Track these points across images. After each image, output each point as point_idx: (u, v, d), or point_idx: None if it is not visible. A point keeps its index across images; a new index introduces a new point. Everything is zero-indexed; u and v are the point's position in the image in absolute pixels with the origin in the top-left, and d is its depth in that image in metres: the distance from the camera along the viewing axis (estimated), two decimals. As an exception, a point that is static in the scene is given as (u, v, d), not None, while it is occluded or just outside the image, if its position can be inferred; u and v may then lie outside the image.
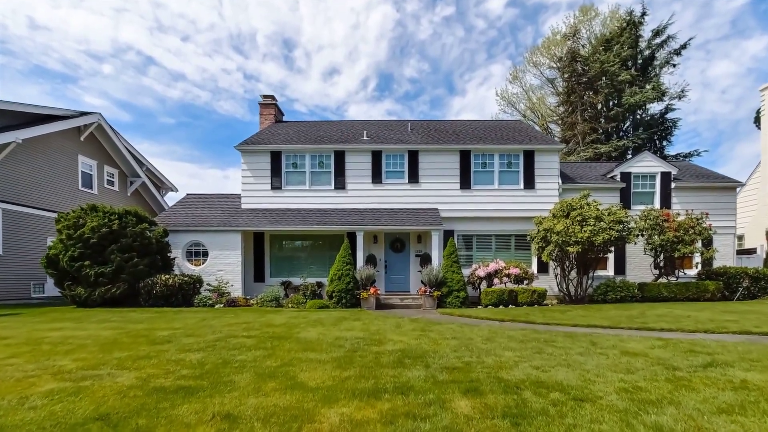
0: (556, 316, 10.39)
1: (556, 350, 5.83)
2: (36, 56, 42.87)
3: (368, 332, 7.51)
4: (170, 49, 48.83)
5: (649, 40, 29.77)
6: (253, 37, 47.28)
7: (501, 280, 13.82)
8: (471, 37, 44.20)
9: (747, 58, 39.68)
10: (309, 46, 46.28)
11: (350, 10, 42.69)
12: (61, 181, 16.29)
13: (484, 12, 43.50)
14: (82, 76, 48.66)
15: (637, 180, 15.66)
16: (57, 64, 44.83)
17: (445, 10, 43.46)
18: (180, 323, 8.61)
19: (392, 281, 15.43)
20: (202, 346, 6.16)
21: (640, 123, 29.90)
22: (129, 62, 48.11)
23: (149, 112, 60.76)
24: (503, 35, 44.31)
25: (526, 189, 15.27)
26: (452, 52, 44.68)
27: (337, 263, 13.32)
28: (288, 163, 15.44)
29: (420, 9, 43.31)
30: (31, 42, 41.37)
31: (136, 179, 19.94)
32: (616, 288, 14.01)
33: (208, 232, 14.06)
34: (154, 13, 44.76)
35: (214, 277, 13.85)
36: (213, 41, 51.45)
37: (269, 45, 48.22)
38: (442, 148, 15.29)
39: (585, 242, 12.97)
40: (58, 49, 43.81)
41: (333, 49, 45.65)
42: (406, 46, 45.22)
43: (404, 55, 45.54)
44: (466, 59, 44.32)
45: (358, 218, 14.49)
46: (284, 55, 47.57)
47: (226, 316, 9.86)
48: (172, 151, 62.92)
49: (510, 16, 43.52)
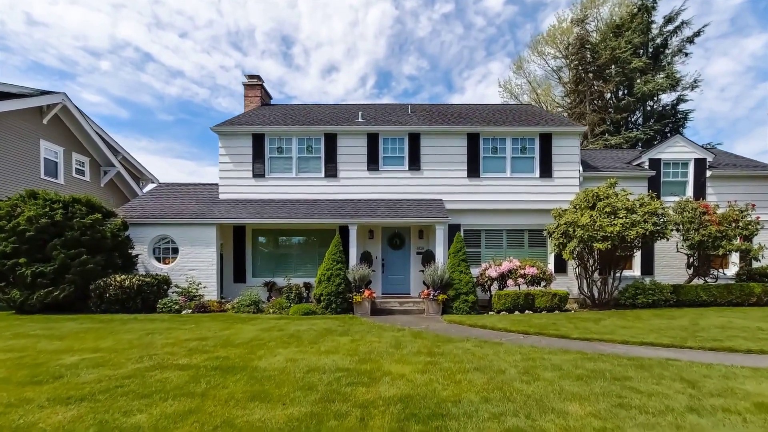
0: (591, 327, 8.23)
1: (645, 400, 3.65)
2: (33, 52, 40.77)
3: (357, 357, 5.33)
4: (168, 45, 46.66)
5: (661, 27, 27.58)
6: (251, 34, 45.18)
7: (515, 281, 11.65)
8: (470, 35, 42.21)
9: (746, 56, 37.63)
10: (308, 43, 44.22)
11: (349, 7, 40.69)
12: (19, 169, 14.01)
13: (483, 9, 41.50)
14: (79, 72, 46.48)
15: (668, 167, 13.46)
16: (54, 60, 42.71)
17: (444, 8, 41.50)
18: (113, 340, 6.41)
19: (390, 282, 13.24)
20: (101, 386, 3.97)
21: (652, 114, 27.72)
22: (127, 59, 45.92)
23: (147, 108, 58.51)
24: (502, 32, 42.31)
25: (543, 177, 13.07)
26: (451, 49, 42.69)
27: (326, 262, 11.13)
28: (272, 147, 13.20)
29: (419, 6, 41.34)
30: (28, 38, 39.30)
31: (110, 169, 17.68)
32: (646, 290, 11.86)
33: (179, 225, 11.84)
34: (152, 9, 42.61)
35: (185, 278, 11.64)
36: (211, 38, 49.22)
37: (268, 42, 46.12)
38: (447, 131, 13.08)
39: (615, 237, 10.79)
40: (55, 46, 41.72)
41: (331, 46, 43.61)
42: (405, 43, 43.22)
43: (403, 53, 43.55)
44: (465, 57, 42.34)
45: (351, 210, 12.29)
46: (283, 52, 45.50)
47: (182, 328, 7.66)
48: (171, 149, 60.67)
49: (509, 14, 41.50)
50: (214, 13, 42.37)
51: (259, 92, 16.21)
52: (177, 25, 45.16)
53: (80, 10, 40.56)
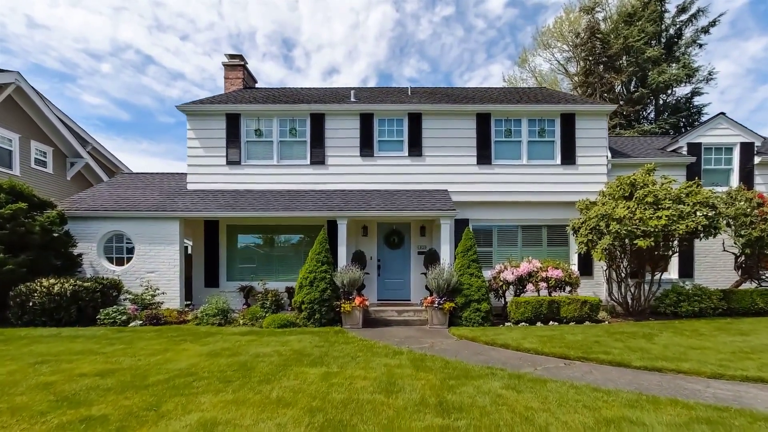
0: (647, 346, 6.09)
1: None
2: (34, 55, 39.27)
3: (321, 418, 3.18)
4: (169, 48, 45.02)
5: (674, 17, 25.58)
6: (252, 37, 43.62)
7: (536, 285, 9.50)
8: (470, 37, 40.73)
9: (746, 58, 35.89)
10: (308, 45, 42.64)
11: (350, 9, 39.19)
12: (-38, 157, 11.96)
13: (484, 12, 40.02)
14: (80, 75, 44.93)
15: (709, 153, 11.32)
16: (55, 62, 41.23)
17: (444, 10, 40.03)
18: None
19: (387, 287, 11.09)
20: None
21: (665, 108, 25.65)
22: (128, 61, 44.33)
23: (148, 111, 56.76)
24: (503, 35, 40.82)
25: (565, 165, 10.94)
26: (452, 52, 41.15)
27: (309, 262, 8.99)
28: (249, 129, 11.09)
29: (420, 9, 39.86)
30: (29, 40, 37.86)
31: (78, 160, 15.58)
32: (691, 297, 9.74)
33: (135, 219, 9.72)
34: (153, 11, 41.02)
35: (140, 282, 9.50)
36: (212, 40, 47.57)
37: (268, 44, 44.53)
38: (454, 110, 10.97)
39: (659, 233, 8.67)
40: (56, 48, 40.27)
41: (332, 48, 42.05)
42: (406, 45, 41.71)
43: (404, 55, 42.06)
44: (466, 59, 40.80)
45: (340, 202, 10.17)
46: (283, 54, 43.91)
47: (101, 352, 5.50)
48: (172, 150, 58.83)
49: (509, 16, 40.00)
50: (215, 15, 40.88)
51: (241, 74, 14.12)
52: (178, 28, 43.61)
53: (81, 13, 39.17)
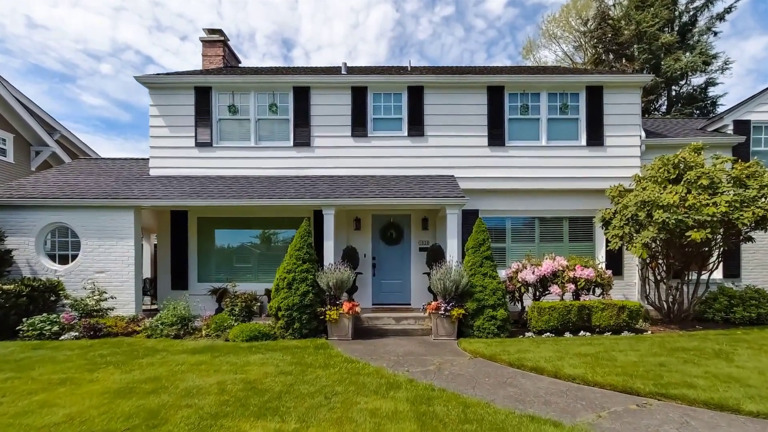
0: (729, 371, 4.39)
1: None
2: (34, 55, 38.16)
3: None
4: (169, 48, 43.66)
5: (687, 2, 23.89)
6: (252, 37, 42.36)
7: (563, 287, 7.74)
8: (470, 37, 39.68)
9: (746, 58, 34.56)
10: (308, 45, 41.53)
11: (350, 9, 38.12)
12: None
13: (484, 12, 38.89)
14: (80, 75, 43.73)
15: (758, 132, 9.58)
16: (55, 63, 40.09)
17: (444, 10, 39.00)
18: None
19: (383, 289, 9.33)
20: None
21: (678, 98, 23.92)
22: (128, 62, 43.06)
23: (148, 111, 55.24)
24: (503, 35, 39.64)
25: (591, 146, 9.20)
26: (452, 52, 40.05)
27: (287, 260, 7.24)
28: (223, 106, 9.35)
29: (419, 9, 38.79)
30: (28, 41, 36.79)
31: (44, 149, 13.87)
32: (746, 301, 8.04)
33: (80, 208, 7.97)
34: (152, 12, 39.76)
35: (87, 284, 7.74)
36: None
37: (268, 44, 43.27)
38: (461, 82, 9.22)
39: (716, 223, 6.93)
40: (56, 48, 39.16)
41: (332, 48, 40.89)
42: (406, 45, 40.70)
43: (404, 55, 41.09)
44: (466, 59, 39.72)
45: (327, 189, 8.43)
46: (283, 54, 42.68)
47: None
48: (170, 150, 57.25)
49: (509, 16, 38.85)
50: (215, 16, 39.70)
51: (221, 51, 12.44)
52: (178, 28, 42.28)
53: (81, 13, 38.12)
